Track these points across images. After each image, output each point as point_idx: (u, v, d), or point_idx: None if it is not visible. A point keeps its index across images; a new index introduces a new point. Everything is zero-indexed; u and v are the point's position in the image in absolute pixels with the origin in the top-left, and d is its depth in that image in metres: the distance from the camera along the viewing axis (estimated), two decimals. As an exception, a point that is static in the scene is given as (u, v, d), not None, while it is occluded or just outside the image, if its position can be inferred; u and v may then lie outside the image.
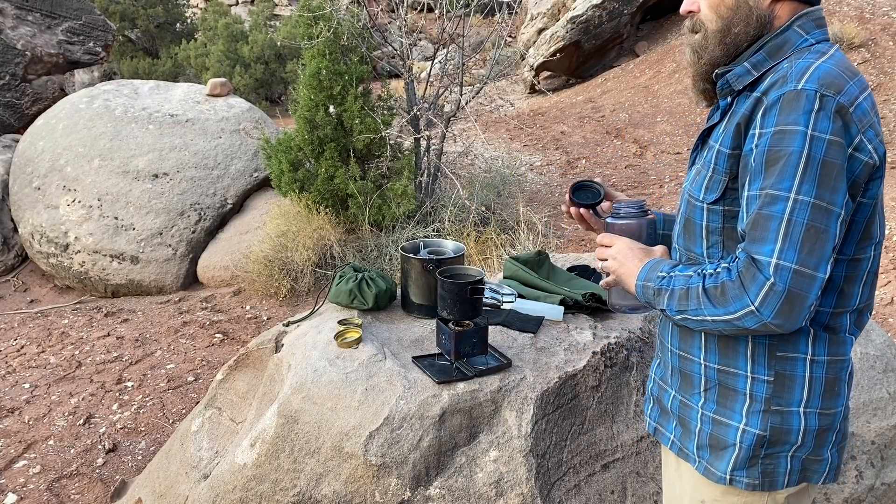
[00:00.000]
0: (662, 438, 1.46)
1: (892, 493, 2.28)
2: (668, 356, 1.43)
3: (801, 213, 1.12)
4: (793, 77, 1.16)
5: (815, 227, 1.12)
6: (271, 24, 13.52)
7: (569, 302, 2.29)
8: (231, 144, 5.72)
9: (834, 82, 1.14)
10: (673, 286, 1.26)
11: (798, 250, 1.12)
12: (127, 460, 3.11)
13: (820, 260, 1.13)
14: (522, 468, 1.89)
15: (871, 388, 2.30)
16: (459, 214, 5.32)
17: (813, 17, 1.26)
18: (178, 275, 5.28)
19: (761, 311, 1.14)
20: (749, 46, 1.27)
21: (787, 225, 1.13)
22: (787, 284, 1.12)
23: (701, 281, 1.21)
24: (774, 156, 1.14)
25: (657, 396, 1.48)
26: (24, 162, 5.62)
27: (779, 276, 1.12)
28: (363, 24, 5.33)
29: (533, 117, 9.86)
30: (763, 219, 1.15)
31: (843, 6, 9.40)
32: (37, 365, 4.04)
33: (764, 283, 1.13)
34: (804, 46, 1.23)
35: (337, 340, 2.11)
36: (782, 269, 1.12)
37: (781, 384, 1.27)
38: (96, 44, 7.06)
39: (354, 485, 1.88)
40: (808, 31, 1.24)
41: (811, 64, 1.17)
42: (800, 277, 1.12)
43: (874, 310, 4.22)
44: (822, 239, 1.12)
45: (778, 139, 1.14)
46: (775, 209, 1.13)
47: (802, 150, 1.12)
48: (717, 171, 1.27)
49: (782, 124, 1.14)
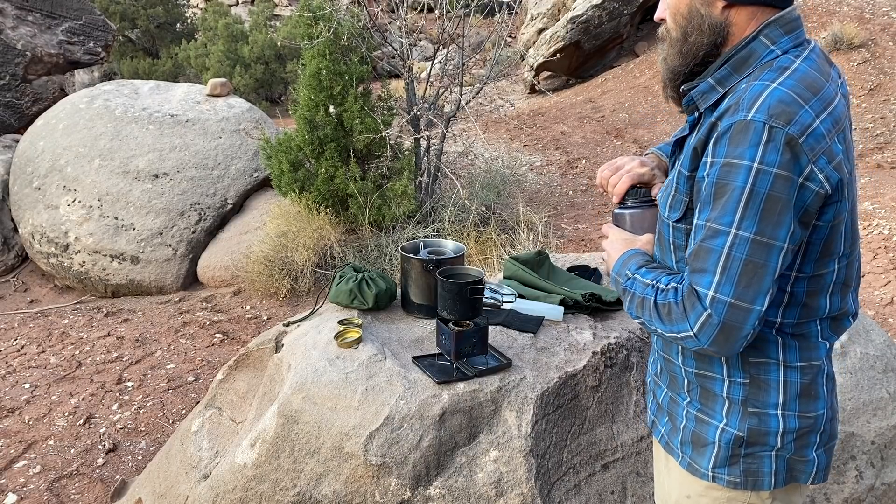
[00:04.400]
0: (655, 432, 1.49)
1: (892, 493, 2.28)
2: (657, 355, 1.47)
3: (740, 248, 1.13)
4: (744, 105, 1.14)
5: (753, 263, 1.13)
6: (271, 25, 13.52)
7: (569, 302, 2.29)
8: (231, 144, 5.72)
9: (785, 111, 1.11)
10: (634, 290, 1.29)
11: (735, 285, 1.14)
12: (127, 460, 3.11)
13: (757, 294, 1.14)
14: (522, 468, 1.89)
15: (871, 388, 2.30)
16: (459, 214, 5.32)
17: (782, 23, 1.21)
18: (179, 275, 5.28)
19: (699, 337, 1.17)
20: (712, 57, 1.25)
21: (725, 259, 1.14)
22: (723, 317, 1.15)
23: (654, 295, 1.24)
24: (721, 189, 1.14)
25: (653, 391, 1.51)
26: (24, 162, 5.62)
27: (714, 309, 1.15)
28: (363, 24, 5.33)
29: (533, 117, 9.86)
30: (704, 251, 1.17)
31: (843, 6, 9.40)
32: (37, 365, 4.04)
33: (702, 313, 1.16)
34: (769, 59, 1.19)
35: (337, 340, 2.11)
36: (718, 303, 1.15)
37: (757, 387, 1.28)
38: (96, 44, 7.06)
39: (354, 485, 1.88)
40: (776, 40, 1.20)
41: (765, 89, 1.14)
42: (735, 311, 1.14)
43: (874, 310, 4.22)
44: (759, 274, 1.14)
45: (725, 172, 1.14)
46: (716, 243, 1.15)
47: (745, 185, 1.12)
48: (678, 192, 1.28)
49: (730, 156, 1.13)
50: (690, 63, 1.27)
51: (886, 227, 5.26)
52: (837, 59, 8.64)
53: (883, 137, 7.60)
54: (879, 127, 7.74)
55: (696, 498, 1.37)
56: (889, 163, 7.13)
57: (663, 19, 1.31)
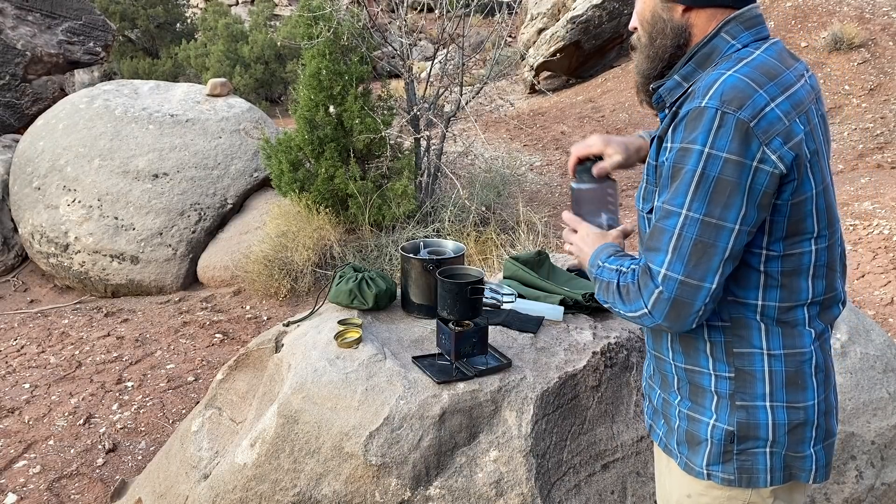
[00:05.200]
0: (654, 435, 1.50)
1: (892, 493, 2.28)
2: (649, 356, 1.49)
3: (690, 228, 1.20)
4: (699, 92, 1.20)
5: (702, 242, 1.19)
6: (271, 24, 13.52)
7: (569, 302, 2.29)
8: (231, 144, 5.72)
9: (737, 97, 1.16)
10: (601, 277, 1.35)
11: (685, 263, 1.20)
12: (127, 460, 3.11)
13: (706, 272, 1.20)
14: (522, 468, 1.89)
15: (871, 388, 2.30)
16: (459, 214, 5.32)
17: (742, 19, 1.26)
18: (178, 275, 5.28)
19: (653, 314, 1.24)
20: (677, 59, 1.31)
21: (676, 239, 1.21)
22: (673, 293, 1.21)
23: (616, 278, 1.31)
24: (675, 172, 1.21)
25: (648, 395, 1.53)
26: (24, 162, 5.62)
27: (666, 286, 1.22)
28: (363, 24, 5.33)
29: (533, 117, 9.87)
30: (658, 231, 1.23)
31: (843, 6, 9.40)
32: (37, 365, 4.04)
33: (654, 290, 1.23)
34: (729, 53, 1.25)
35: (337, 340, 2.11)
36: (669, 280, 1.21)
37: (743, 379, 1.30)
38: (96, 44, 7.06)
39: (354, 485, 1.88)
40: (736, 35, 1.26)
41: (719, 77, 1.19)
42: (685, 287, 1.21)
43: (874, 310, 4.22)
44: (709, 253, 1.19)
45: (680, 156, 1.20)
46: (668, 223, 1.22)
47: (696, 168, 1.18)
48: (648, 182, 1.35)
49: (685, 141, 1.20)
50: (658, 65, 1.34)
51: (886, 227, 5.26)
52: (837, 59, 8.64)
53: (883, 137, 7.60)
54: (879, 127, 7.74)
55: (697, 497, 1.38)
56: (889, 163, 7.13)
57: (636, 28, 1.37)
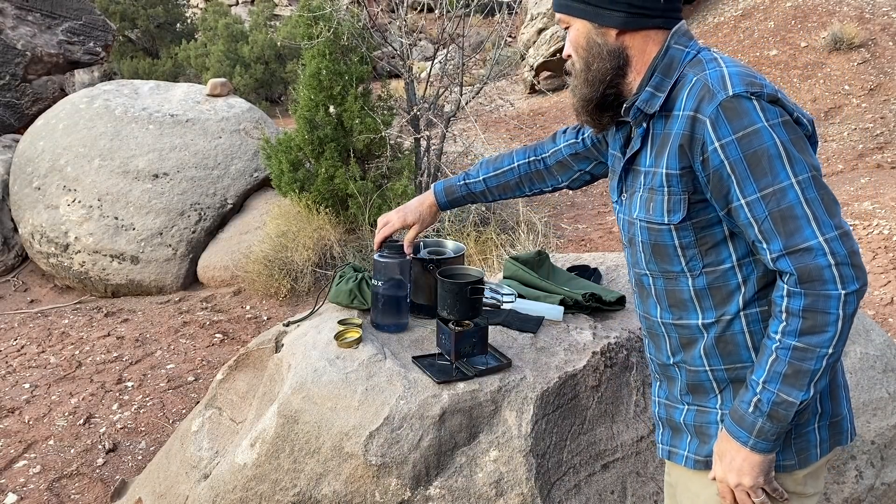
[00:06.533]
0: (677, 459, 1.45)
1: (892, 493, 2.28)
2: (672, 372, 1.44)
3: (808, 189, 1.19)
4: (717, 87, 1.22)
5: (824, 193, 1.20)
6: (271, 24, 13.52)
7: (569, 302, 2.29)
8: (231, 144, 5.72)
9: (752, 81, 1.22)
10: (777, 388, 1.22)
11: (830, 217, 1.19)
12: (127, 460, 3.11)
13: (841, 217, 1.21)
14: (522, 468, 1.89)
15: (871, 388, 2.30)
16: (459, 214, 5.33)
17: (681, 33, 1.33)
18: (178, 275, 5.28)
19: (847, 286, 1.17)
20: (619, 79, 1.35)
21: (806, 205, 1.19)
22: (845, 248, 1.18)
23: (780, 341, 1.21)
24: (752, 158, 1.20)
25: (666, 417, 1.48)
26: (24, 162, 5.62)
27: (834, 248, 1.17)
28: (363, 24, 5.33)
29: (533, 117, 9.87)
30: (782, 215, 1.20)
31: (843, 6, 9.40)
32: (37, 365, 4.04)
33: (830, 265, 1.17)
34: (690, 59, 1.30)
35: (337, 340, 2.11)
36: (832, 241, 1.18)
37: None
38: (96, 44, 7.06)
39: (354, 485, 1.88)
40: (686, 44, 1.32)
41: (723, 71, 1.24)
42: (846, 237, 1.19)
43: (874, 310, 4.22)
44: (832, 197, 1.21)
45: (746, 143, 1.20)
46: (788, 199, 1.19)
47: (773, 140, 1.19)
48: (673, 192, 1.29)
49: (739, 130, 1.20)
50: (600, 88, 1.35)
51: (886, 227, 5.26)
52: (837, 59, 8.65)
53: (883, 137, 7.60)
54: (879, 127, 7.74)
55: None
56: (889, 163, 7.14)
57: (570, 55, 1.40)
